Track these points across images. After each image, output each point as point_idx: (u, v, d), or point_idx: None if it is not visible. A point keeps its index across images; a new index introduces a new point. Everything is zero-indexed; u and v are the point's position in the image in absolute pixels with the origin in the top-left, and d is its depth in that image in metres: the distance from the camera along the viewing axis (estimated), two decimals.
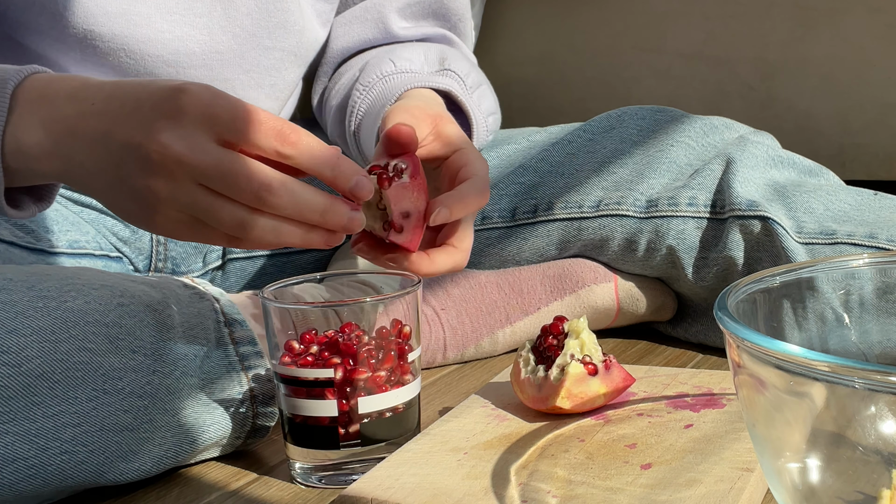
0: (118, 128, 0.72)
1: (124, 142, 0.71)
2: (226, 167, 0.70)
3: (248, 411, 0.86)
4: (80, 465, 0.77)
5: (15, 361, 0.74)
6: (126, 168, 0.72)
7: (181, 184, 0.70)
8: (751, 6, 1.68)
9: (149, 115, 0.71)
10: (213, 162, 0.70)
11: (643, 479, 0.73)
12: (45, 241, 0.99)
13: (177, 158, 0.70)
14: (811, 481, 0.61)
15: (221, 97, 0.71)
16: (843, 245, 1.03)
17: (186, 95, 0.70)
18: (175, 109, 0.70)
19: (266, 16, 1.08)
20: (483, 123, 1.09)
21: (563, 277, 1.12)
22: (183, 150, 0.70)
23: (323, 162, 0.72)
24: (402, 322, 0.82)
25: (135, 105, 0.72)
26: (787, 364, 0.57)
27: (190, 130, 0.70)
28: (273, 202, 0.70)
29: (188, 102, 0.70)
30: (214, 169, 0.70)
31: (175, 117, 0.70)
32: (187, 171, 0.70)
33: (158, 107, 0.71)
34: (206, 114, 0.70)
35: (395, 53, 1.10)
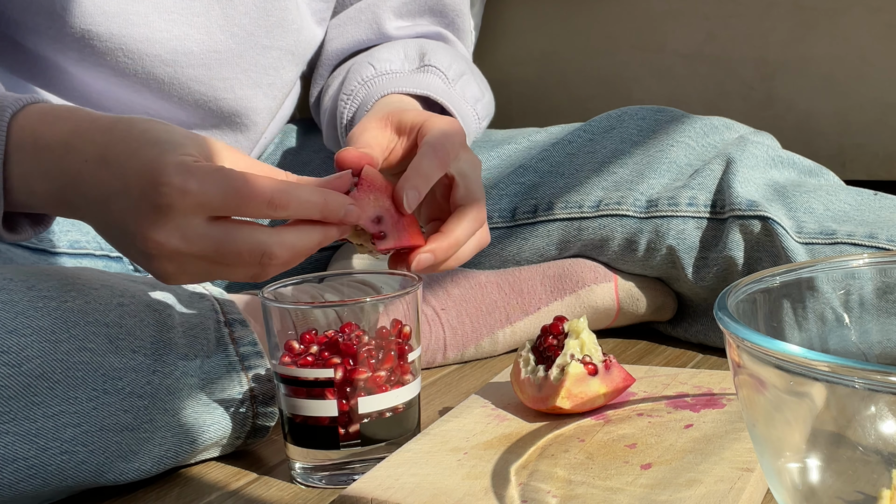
0: (111, 204, 0.73)
1: (120, 225, 0.73)
2: (225, 247, 0.72)
3: (248, 411, 0.86)
4: (80, 464, 0.77)
5: (15, 361, 0.74)
6: (129, 245, 0.74)
7: (187, 263, 0.73)
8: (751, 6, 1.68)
9: (138, 204, 0.72)
10: (211, 245, 0.72)
11: (643, 479, 0.73)
12: (46, 241, 0.99)
13: (175, 251, 0.72)
14: (811, 481, 0.61)
15: (207, 181, 0.71)
16: (843, 245, 1.03)
17: (171, 189, 0.71)
18: (162, 205, 0.71)
19: (264, 15, 1.08)
20: (471, 112, 1.08)
21: (563, 277, 1.12)
22: (179, 243, 0.72)
23: (312, 207, 0.74)
24: (402, 322, 0.82)
25: (122, 185, 0.72)
26: (787, 364, 0.57)
27: (181, 221, 0.71)
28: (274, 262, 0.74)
29: (174, 197, 0.71)
30: (214, 250, 0.72)
31: (164, 213, 0.71)
32: (189, 255, 0.72)
33: (145, 197, 0.71)
34: (196, 203, 0.71)
35: (375, 56, 1.10)
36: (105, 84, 1.03)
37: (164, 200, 0.71)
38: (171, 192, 0.70)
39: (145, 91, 1.04)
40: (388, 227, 0.79)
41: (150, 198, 0.71)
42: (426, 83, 1.04)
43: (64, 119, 0.76)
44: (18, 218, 0.81)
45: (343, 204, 0.75)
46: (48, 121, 0.76)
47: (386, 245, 0.79)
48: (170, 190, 0.70)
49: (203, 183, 0.71)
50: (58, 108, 0.78)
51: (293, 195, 0.73)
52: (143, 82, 1.03)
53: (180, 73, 1.04)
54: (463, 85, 1.09)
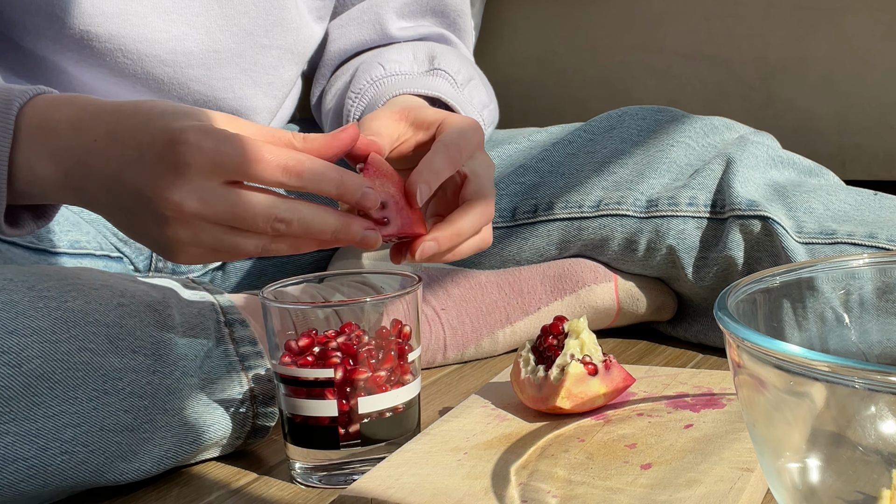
0: (126, 175, 0.73)
1: (135, 191, 0.73)
2: (241, 210, 0.72)
3: (248, 411, 0.86)
4: (81, 465, 0.77)
5: (15, 362, 0.74)
6: (142, 215, 0.73)
7: (200, 229, 0.73)
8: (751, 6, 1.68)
9: (154, 167, 0.72)
10: (228, 207, 0.72)
11: (643, 479, 0.74)
12: (47, 241, 0.99)
13: (193, 213, 0.72)
14: (811, 481, 0.61)
15: (223, 141, 0.72)
16: (843, 245, 1.03)
17: (187, 148, 0.71)
18: (180, 164, 0.71)
19: (263, 14, 1.08)
20: (478, 117, 1.09)
21: (563, 277, 1.12)
22: (196, 205, 0.71)
23: (328, 182, 0.74)
24: (402, 322, 0.82)
25: (137, 153, 0.73)
26: (787, 364, 0.57)
27: (199, 183, 0.71)
28: (288, 231, 0.73)
29: (191, 155, 0.71)
30: (229, 213, 0.72)
31: (181, 172, 0.71)
32: (203, 219, 0.72)
33: (161, 159, 0.72)
34: (212, 163, 0.71)
35: (384, 56, 1.10)
36: (104, 84, 1.03)
37: (181, 159, 0.71)
38: (188, 150, 0.71)
39: (145, 91, 1.04)
40: (391, 213, 0.79)
41: (168, 159, 0.71)
42: (435, 86, 1.04)
43: (70, 104, 0.77)
44: (20, 212, 0.81)
45: (360, 185, 0.75)
46: (55, 105, 0.77)
47: (388, 231, 0.78)
48: (187, 149, 0.71)
49: (219, 143, 0.71)
50: (63, 95, 0.78)
51: (308, 164, 0.73)
52: (143, 82, 1.03)
53: (179, 74, 1.04)
54: (471, 90, 1.10)
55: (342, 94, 1.13)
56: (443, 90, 1.04)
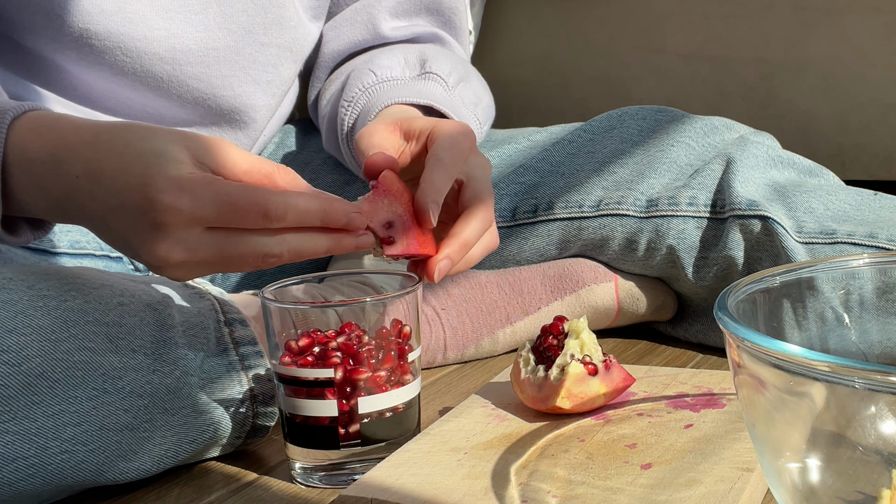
0: (110, 220, 0.74)
1: (122, 237, 0.74)
2: (228, 253, 0.73)
3: (248, 411, 0.86)
4: (80, 464, 0.77)
5: (15, 360, 0.74)
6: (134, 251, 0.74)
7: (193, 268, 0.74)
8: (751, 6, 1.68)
9: (135, 223, 0.72)
10: (215, 251, 0.73)
11: (643, 479, 0.73)
12: (46, 241, 0.99)
13: (179, 261, 0.73)
14: (811, 481, 0.61)
15: (200, 197, 0.71)
16: (843, 244, 1.03)
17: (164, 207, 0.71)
18: (157, 223, 0.71)
19: (262, 12, 1.08)
20: (473, 117, 1.08)
21: (563, 277, 1.12)
22: (182, 254, 0.72)
23: (311, 216, 0.74)
24: (402, 322, 0.82)
25: (117, 202, 0.73)
26: (786, 364, 0.57)
27: (181, 236, 0.72)
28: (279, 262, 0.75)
29: (169, 215, 0.71)
30: (218, 257, 0.73)
31: (161, 230, 0.71)
32: (194, 262, 0.73)
33: (142, 216, 0.72)
34: (191, 218, 0.71)
35: (375, 62, 1.09)
36: (104, 83, 1.03)
37: (159, 218, 0.71)
38: (164, 209, 0.71)
39: (144, 89, 1.04)
40: (398, 232, 0.79)
41: (147, 216, 0.72)
42: (428, 91, 1.04)
43: (50, 129, 0.76)
44: (18, 221, 0.81)
45: (345, 211, 0.75)
46: (36, 131, 0.76)
47: (394, 251, 0.79)
48: (163, 207, 0.71)
49: (195, 198, 0.71)
50: (44, 117, 0.77)
51: (291, 204, 0.73)
52: (142, 80, 1.03)
53: (179, 71, 1.04)
54: (463, 90, 1.09)
55: (335, 102, 1.13)
56: (435, 95, 1.04)
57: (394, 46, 1.16)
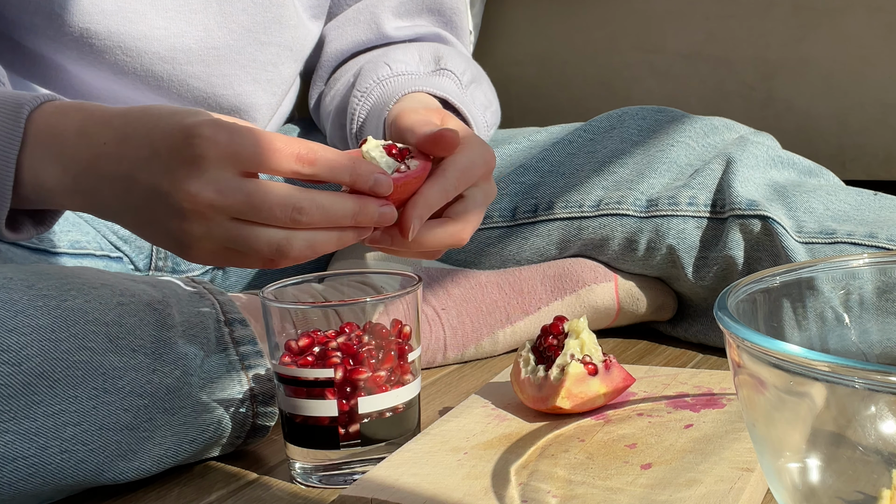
0: (139, 174, 0.73)
1: (149, 188, 0.73)
2: (257, 200, 0.72)
3: (248, 411, 0.86)
4: (80, 464, 0.77)
5: (15, 360, 0.74)
6: (156, 211, 0.73)
7: (215, 223, 0.72)
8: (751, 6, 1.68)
9: (169, 162, 0.72)
10: (243, 198, 0.71)
11: (643, 479, 0.73)
12: (47, 241, 0.99)
13: (208, 203, 0.71)
14: (811, 481, 0.61)
15: (236, 133, 0.72)
16: (842, 244, 1.03)
17: (202, 140, 0.71)
18: (195, 156, 0.71)
19: (262, 11, 1.08)
20: (482, 118, 1.09)
21: (563, 277, 1.12)
22: (212, 195, 0.71)
23: (341, 170, 0.74)
24: (402, 322, 0.82)
25: (150, 151, 0.73)
26: (786, 364, 0.57)
27: (214, 174, 0.71)
28: (306, 220, 0.73)
29: (206, 147, 0.71)
30: (246, 204, 0.72)
31: (196, 164, 0.71)
32: (220, 211, 0.72)
33: (176, 153, 0.72)
34: (227, 154, 0.71)
35: (390, 56, 1.10)
36: (104, 82, 1.03)
37: (196, 152, 0.71)
38: (203, 142, 0.71)
39: (145, 88, 1.04)
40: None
41: (183, 152, 0.71)
42: (442, 86, 1.04)
43: (78, 110, 0.77)
44: (20, 217, 0.81)
45: (372, 171, 0.75)
46: (62, 111, 0.77)
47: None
48: (202, 141, 0.71)
49: (233, 135, 0.72)
50: (72, 101, 0.79)
51: (321, 153, 0.73)
52: (143, 80, 1.03)
53: (179, 70, 1.04)
54: (475, 91, 1.10)
55: (346, 94, 1.13)
56: (449, 90, 1.04)
57: (408, 44, 1.16)
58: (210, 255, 0.75)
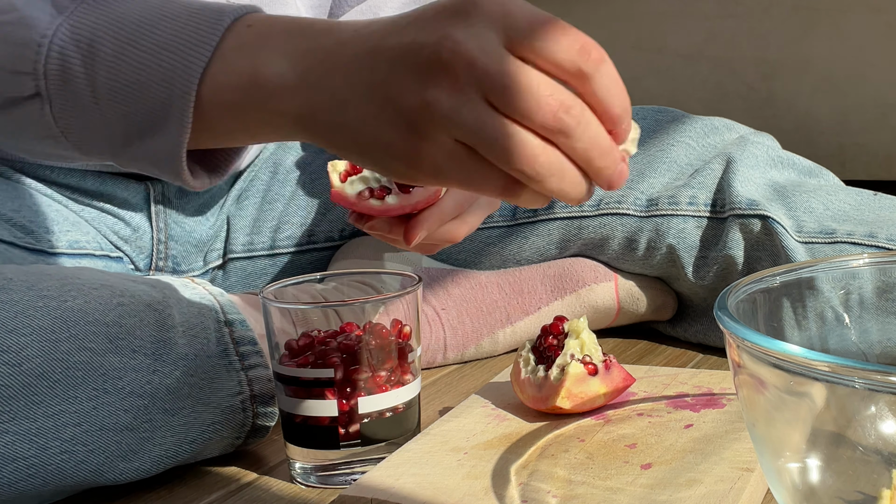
0: (389, 39, 0.62)
1: (399, 51, 0.61)
2: (523, 80, 0.59)
3: (248, 411, 0.86)
4: (80, 464, 0.77)
5: (15, 361, 0.74)
6: (396, 84, 0.61)
7: (467, 96, 0.60)
8: (751, 6, 1.68)
9: (434, 17, 0.61)
10: (508, 71, 0.59)
11: (643, 479, 0.73)
12: (46, 241, 0.99)
13: (469, 59, 0.59)
14: (811, 481, 0.61)
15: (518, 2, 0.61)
16: (842, 244, 1.03)
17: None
18: (467, 8, 0.60)
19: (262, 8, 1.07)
20: None
21: (563, 277, 1.12)
22: (475, 50, 0.59)
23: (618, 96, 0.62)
24: (402, 322, 0.82)
25: (413, 18, 0.62)
26: (786, 364, 0.57)
27: (482, 30, 0.59)
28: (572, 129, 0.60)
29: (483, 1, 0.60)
30: (510, 79, 0.59)
31: (467, 16, 0.60)
32: (477, 77, 0.59)
33: (446, 8, 0.61)
34: (503, 13, 0.60)
35: None
36: None
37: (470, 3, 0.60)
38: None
39: None
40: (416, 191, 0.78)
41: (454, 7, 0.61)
42: None
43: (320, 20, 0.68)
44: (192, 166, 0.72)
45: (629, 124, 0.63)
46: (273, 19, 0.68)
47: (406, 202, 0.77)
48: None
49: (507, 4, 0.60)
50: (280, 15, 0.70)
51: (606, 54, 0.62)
52: None
53: None
54: None
55: None
56: None
57: None
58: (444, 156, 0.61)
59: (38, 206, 1.00)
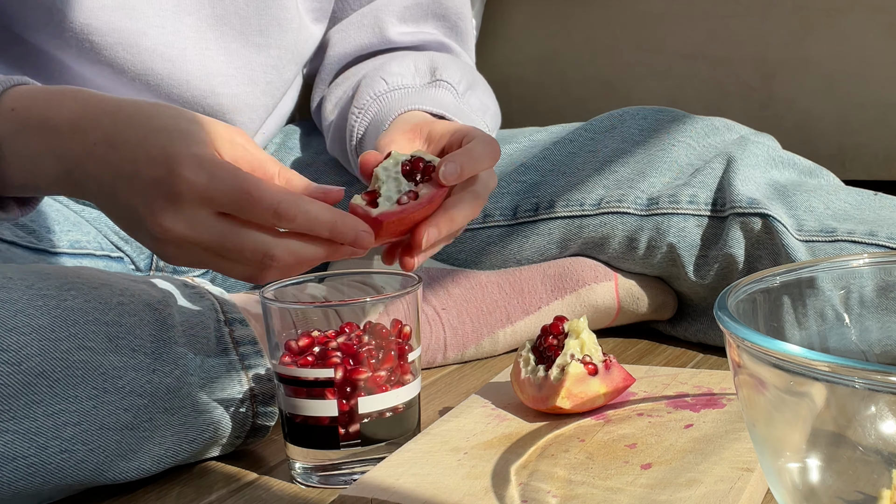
0: (121, 187, 0.74)
1: (128, 204, 0.74)
2: (229, 241, 0.73)
3: (248, 411, 0.86)
4: (80, 463, 0.77)
5: (15, 360, 0.74)
6: (135, 224, 0.75)
7: (189, 250, 0.74)
8: (751, 6, 1.68)
9: (147, 189, 0.73)
10: (217, 237, 0.73)
11: (643, 479, 0.73)
12: (47, 241, 0.99)
13: (181, 237, 0.73)
14: (811, 481, 0.61)
15: (216, 178, 0.72)
16: (843, 242, 1.03)
17: (181, 180, 0.72)
18: (173, 193, 0.72)
19: (256, 14, 1.08)
20: (482, 123, 1.09)
21: (563, 276, 1.12)
22: (185, 231, 0.72)
23: (321, 227, 0.74)
24: (402, 322, 0.82)
25: (132, 168, 0.74)
26: (787, 364, 0.57)
27: (189, 213, 0.72)
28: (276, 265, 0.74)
29: (185, 187, 0.72)
30: (218, 244, 0.73)
31: (174, 200, 0.72)
32: (193, 243, 0.73)
33: (156, 184, 0.73)
34: (204, 197, 0.72)
35: (386, 70, 1.10)
36: (105, 80, 1.03)
37: (174, 190, 0.72)
38: (181, 183, 0.72)
39: (143, 88, 1.04)
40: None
41: (161, 186, 0.72)
42: (439, 99, 1.04)
43: (73, 99, 0.77)
44: (5, 200, 0.82)
45: (355, 228, 0.75)
46: (56, 101, 0.77)
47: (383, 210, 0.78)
48: (180, 181, 0.72)
49: (213, 179, 0.72)
50: (67, 88, 0.79)
51: (302, 209, 0.73)
52: (142, 78, 1.03)
53: (178, 69, 1.04)
54: (470, 98, 1.10)
55: (344, 108, 1.13)
56: (445, 103, 1.04)
57: (405, 53, 1.16)
58: (188, 265, 0.76)
59: (40, 206, 1.00)
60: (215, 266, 0.76)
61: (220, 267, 0.76)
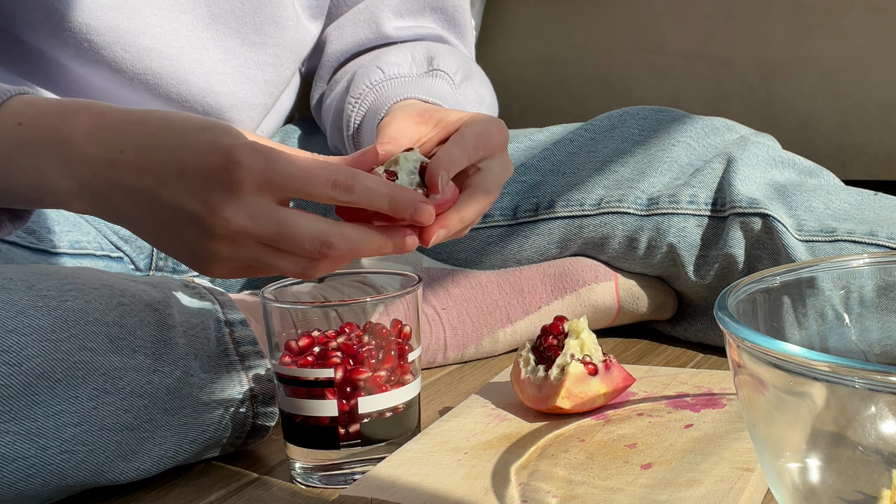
0: (164, 189, 0.72)
1: (177, 206, 0.72)
2: (288, 231, 0.72)
3: (248, 411, 0.86)
4: (80, 464, 0.77)
5: (15, 361, 0.74)
6: (181, 228, 0.73)
7: (244, 246, 0.72)
8: (751, 6, 1.68)
9: (202, 184, 0.71)
10: (275, 227, 0.71)
11: (643, 479, 0.74)
12: (47, 241, 0.99)
13: (240, 229, 0.71)
14: (811, 481, 0.61)
15: (273, 160, 0.71)
16: (843, 242, 1.03)
17: (239, 167, 0.70)
18: (232, 182, 0.71)
19: (252, 13, 1.08)
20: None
21: (563, 276, 1.12)
22: (245, 221, 0.71)
23: (379, 197, 0.73)
24: (402, 322, 0.82)
25: (178, 168, 0.72)
26: (787, 364, 0.57)
27: (249, 201, 0.71)
28: (332, 253, 0.73)
29: (243, 174, 0.70)
30: (277, 233, 0.72)
31: (233, 190, 0.71)
32: (251, 236, 0.72)
33: (212, 177, 0.71)
34: (263, 181, 0.71)
35: (382, 59, 1.10)
36: (103, 81, 1.03)
37: (233, 178, 0.71)
38: (240, 170, 0.70)
39: (142, 87, 1.04)
40: None
41: (219, 177, 0.71)
42: (435, 88, 1.04)
43: (86, 111, 0.76)
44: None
45: (414, 199, 0.74)
46: (67, 113, 0.76)
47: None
48: (239, 168, 0.70)
49: (269, 161, 0.71)
50: (74, 101, 0.77)
51: (358, 179, 0.72)
52: (140, 77, 1.03)
53: (177, 67, 1.04)
54: (467, 88, 1.10)
55: (342, 98, 1.13)
56: (442, 93, 1.04)
57: (401, 44, 1.16)
58: (230, 271, 0.74)
59: None
60: (267, 263, 0.73)
61: (272, 263, 0.73)
